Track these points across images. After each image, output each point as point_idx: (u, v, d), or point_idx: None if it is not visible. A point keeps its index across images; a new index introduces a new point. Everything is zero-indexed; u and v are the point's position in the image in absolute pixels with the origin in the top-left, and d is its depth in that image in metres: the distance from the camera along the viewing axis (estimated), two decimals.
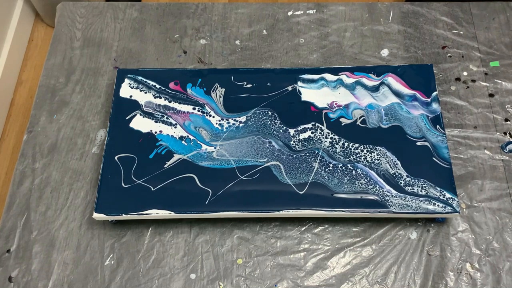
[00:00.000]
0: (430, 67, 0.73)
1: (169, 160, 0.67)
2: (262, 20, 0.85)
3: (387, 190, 0.64)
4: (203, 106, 0.71)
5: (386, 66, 0.74)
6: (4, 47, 1.51)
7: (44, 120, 0.77)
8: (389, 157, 0.66)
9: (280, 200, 0.64)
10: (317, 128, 0.69)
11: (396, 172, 0.65)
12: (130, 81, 0.73)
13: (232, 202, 0.64)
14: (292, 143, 0.68)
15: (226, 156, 0.67)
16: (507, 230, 0.67)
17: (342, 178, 0.65)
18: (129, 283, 0.65)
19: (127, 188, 0.65)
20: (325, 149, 0.67)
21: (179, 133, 0.69)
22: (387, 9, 0.86)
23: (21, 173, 0.73)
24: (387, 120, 0.69)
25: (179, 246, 0.67)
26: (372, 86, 0.72)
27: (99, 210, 0.64)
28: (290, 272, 0.65)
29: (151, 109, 0.71)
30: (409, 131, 0.68)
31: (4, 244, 0.68)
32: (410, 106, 0.70)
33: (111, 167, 0.67)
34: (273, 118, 0.70)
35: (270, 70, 0.75)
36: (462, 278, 0.64)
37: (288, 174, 0.65)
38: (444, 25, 0.83)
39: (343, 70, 0.73)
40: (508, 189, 0.70)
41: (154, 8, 0.87)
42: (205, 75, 0.74)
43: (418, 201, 0.63)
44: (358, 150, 0.67)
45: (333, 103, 0.71)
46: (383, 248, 0.66)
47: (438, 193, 0.64)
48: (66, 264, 0.66)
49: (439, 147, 0.66)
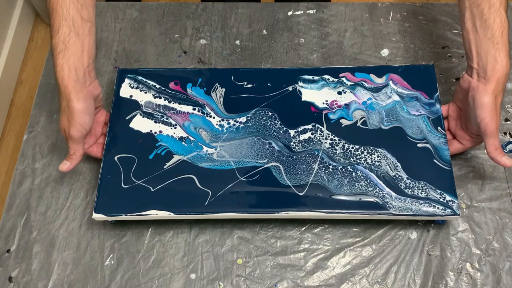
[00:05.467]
0: (431, 67, 0.73)
1: (168, 160, 0.67)
2: (262, 20, 0.85)
3: (387, 192, 0.64)
4: (203, 107, 0.71)
5: (387, 66, 0.74)
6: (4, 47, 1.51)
7: (44, 120, 0.77)
8: (389, 159, 0.66)
9: (279, 201, 0.64)
10: (317, 129, 0.68)
11: (397, 175, 0.65)
12: (130, 81, 0.73)
13: (232, 203, 0.64)
14: (292, 144, 0.67)
15: (226, 157, 0.67)
16: (507, 230, 0.67)
17: (342, 180, 0.65)
18: (129, 283, 0.65)
19: (127, 189, 0.65)
20: (325, 150, 0.67)
21: (179, 134, 0.69)
22: (387, 9, 0.86)
23: (21, 173, 0.73)
24: (388, 122, 0.69)
25: (179, 246, 0.67)
26: (373, 88, 0.71)
27: (98, 211, 0.64)
28: (290, 272, 0.65)
29: (151, 109, 0.71)
30: (410, 132, 0.68)
31: (4, 244, 0.68)
32: (411, 107, 0.69)
33: (110, 168, 0.66)
34: (273, 119, 0.69)
35: (270, 70, 0.75)
36: (462, 278, 0.64)
37: (288, 175, 0.65)
38: (444, 25, 0.83)
39: (344, 70, 0.73)
40: (508, 189, 0.70)
41: (154, 8, 0.87)
42: (205, 75, 0.74)
43: (418, 203, 0.63)
44: (358, 152, 0.67)
45: (333, 103, 0.70)
46: (383, 248, 0.66)
47: (438, 195, 0.63)
48: (66, 264, 0.66)
49: (440, 149, 0.66)
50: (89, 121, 0.64)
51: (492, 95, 0.61)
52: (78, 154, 0.65)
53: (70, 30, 0.62)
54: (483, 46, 0.62)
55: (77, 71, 0.62)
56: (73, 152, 0.65)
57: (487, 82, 0.61)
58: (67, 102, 0.62)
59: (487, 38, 0.62)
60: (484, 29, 0.62)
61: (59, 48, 0.62)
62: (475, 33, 0.63)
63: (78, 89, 0.62)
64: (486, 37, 0.62)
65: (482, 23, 0.62)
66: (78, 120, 0.62)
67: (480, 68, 0.62)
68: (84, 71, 0.63)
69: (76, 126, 0.62)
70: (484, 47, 0.62)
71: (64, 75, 0.61)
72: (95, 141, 0.69)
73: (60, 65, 0.61)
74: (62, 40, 0.62)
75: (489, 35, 0.61)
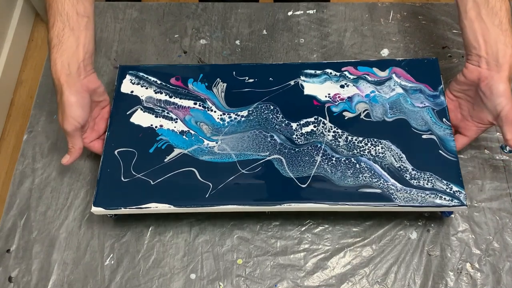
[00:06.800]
0: (435, 60, 0.72)
1: (169, 154, 0.66)
2: (262, 20, 0.85)
3: (392, 183, 0.63)
4: (204, 101, 0.70)
5: (390, 60, 0.73)
6: (4, 47, 1.51)
7: (44, 120, 0.77)
8: (393, 151, 0.65)
9: (281, 193, 0.63)
10: (319, 122, 0.68)
11: (401, 166, 0.64)
12: (132, 77, 0.73)
13: (233, 196, 0.63)
14: (294, 137, 0.67)
15: (227, 150, 0.66)
16: (507, 230, 0.67)
17: (346, 171, 0.64)
18: (129, 283, 0.65)
19: (127, 182, 0.64)
20: (328, 142, 0.66)
21: (179, 128, 0.68)
22: (387, 9, 0.86)
23: (21, 173, 0.73)
24: (392, 114, 0.68)
25: (179, 246, 0.67)
26: (377, 81, 0.71)
27: (98, 204, 0.63)
28: (290, 272, 0.65)
29: (152, 104, 0.70)
30: (415, 124, 0.67)
31: (4, 244, 0.68)
32: (415, 99, 0.69)
33: (110, 162, 0.66)
34: (275, 112, 0.69)
35: (272, 65, 0.74)
36: (462, 278, 0.64)
37: (290, 167, 0.65)
38: (444, 25, 0.83)
39: (346, 64, 0.72)
40: (508, 189, 0.70)
41: (154, 8, 0.87)
42: (206, 70, 0.74)
43: (424, 194, 0.62)
44: (362, 144, 0.66)
45: (336, 96, 0.70)
46: (383, 248, 0.66)
47: (445, 186, 0.62)
48: (66, 264, 0.66)
49: (446, 140, 0.65)
50: (82, 114, 0.63)
51: (507, 82, 0.61)
52: (77, 148, 0.65)
53: (64, 25, 0.62)
54: (491, 34, 0.61)
55: (71, 65, 0.62)
56: (71, 146, 0.65)
57: (500, 70, 0.61)
58: (61, 96, 0.62)
59: (495, 26, 0.61)
60: (491, 17, 0.61)
61: (53, 43, 0.62)
62: (480, 22, 0.62)
63: (71, 82, 0.62)
64: (494, 25, 0.61)
65: (488, 11, 0.61)
66: (69, 113, 0.62)
67: (490, 56, 0.62)
68: (79, 66, 0.63)
69: (68, 119, 0.62)
70: (493, 34, 0.61)
71: (57, 69, 0.61)
72: (98, 136, 0.69)
73: (54, 59, 0.62)
74: (56, 35, 0.62)
75: (496, 23, 0.61)
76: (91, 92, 0.65)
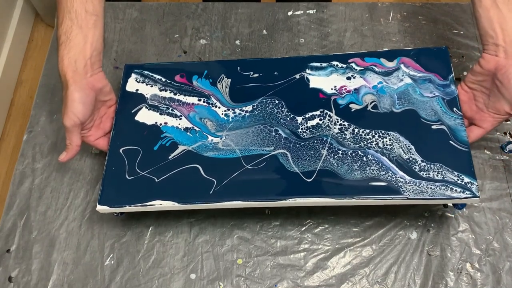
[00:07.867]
0: (445, 50, 0.70)
1: (173, 151, 0.66)
2: (262, 20, 0.85)
3: (401, 176, 0.61)
4: (208, 97, 0.70)
5: (399, 50, 0.71)
6: (4, 47, 1.51)
7: (44, 120, 0.77)
8: (402, 142, 0.63)
9: (287, 188, 0.62)
10: (325, 115, 0.67)
11: (410, 157, 0.62)
12: (137, 76, 0.73)
13: (237, 192, 0.62)
14: (300, 131, 0.66)
15: (232, 146, 0.65)
16: (507, 230, 0.67)
17: (352, 164, 0.62)
18: (129, 283, 0.65)
19: (131, 180, 0.64)
20: (334, 136, 0.65)
21: (184, 125, 0.68)
22: (387, 9, 0.86)
23: (21, 173, 0.73)
24: (400, 104, 0.66)
25: (179, 246, 0.67)
26: (384, 72, 0.69)
27: (103, 203, 0.63)
28: (290, 272, 0.65)
29: (156, 102, 0.70)
30: (424, 114, 0.65)
31: (4, 244, 0.68)
32: (424, 89, 0.67)
33: (115, 160, 0.66)
34: (280, 107, 0.68)
35: (277, 59, 0.73)
36: (462, 278, 0.64)
37: (295, 162, 0.64)
38: (444, 25, 0.83)
39: (353, 56, 0.71)
40: (508, 189, 0.70)
41: (154, 8, 0.87)
42: (211, 66, 0.73)
43: (434, 186, 0.60)
44: (369, 136, 0.64)
45: (342, 88, 0.68)
46: (383, 248, 0.66)
47: (456, 177, 0.60)
48: (66, 264, 0.66)
49: (457, 130, 0.63)
50: (82, 110, 0.63)
51: None
52: (74, 145, 0.64)
53: (72, 22, 0.62)
54: (508, 22, 0.60)
55: (77, 62, 0.62)
56: (69, 143, 0.64)
57: None
58: (65, 91, 0.62)
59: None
60: (507, 4, 0.60)
61: (61, 40, 0.63)
62: (496, 9, 0.61)
63: (77, 79, 0.62)
64: (511, 12, 0.60)
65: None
66: (70, 108, 0.62)
67: (508, 45, 0.60)
68: (86, 63, 0.63)
69: (68, 114, 0.62)
70: (510, 22, 0.60)
71: (64, 65, 0.62)
72: (104, 134, 0.69)
73: (61, 56, 0.62)
74: (65, 32, 0.62)
75: None
76: (97, 90, 0.65)
